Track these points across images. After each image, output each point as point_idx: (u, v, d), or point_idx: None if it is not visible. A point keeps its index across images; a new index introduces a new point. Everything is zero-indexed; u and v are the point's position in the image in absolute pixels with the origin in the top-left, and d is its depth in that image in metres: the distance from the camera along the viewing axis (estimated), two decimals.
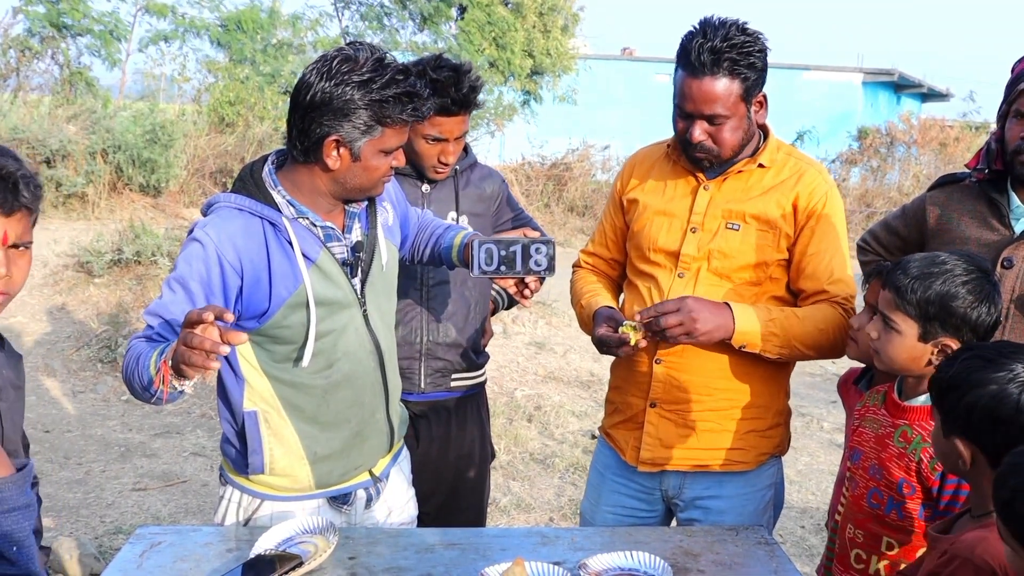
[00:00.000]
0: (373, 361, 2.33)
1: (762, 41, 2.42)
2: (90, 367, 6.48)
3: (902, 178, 19.31)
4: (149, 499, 4.88)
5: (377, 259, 2.31)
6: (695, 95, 2.39)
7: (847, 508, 2.24)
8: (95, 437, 5.64)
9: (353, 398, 2.31)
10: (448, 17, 16.52)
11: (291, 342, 2.20)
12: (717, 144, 2.44)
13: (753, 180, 2.52)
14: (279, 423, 2.26)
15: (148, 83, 15.67)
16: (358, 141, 2.10)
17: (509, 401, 6.55)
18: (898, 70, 23.93)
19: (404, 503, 2.56)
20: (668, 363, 2.54)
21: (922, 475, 2.07)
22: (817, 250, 2.49)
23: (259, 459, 2.26)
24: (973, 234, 2.50)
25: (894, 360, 2.10)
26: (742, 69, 2.36)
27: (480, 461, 3.12)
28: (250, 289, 2.13)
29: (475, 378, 3.07)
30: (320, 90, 2.06)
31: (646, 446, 2.60)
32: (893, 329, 2.07)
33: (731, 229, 2.50)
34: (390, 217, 2.42)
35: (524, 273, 2.28)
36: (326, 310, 2.20)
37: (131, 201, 11.72)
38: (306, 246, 2.17)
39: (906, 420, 2.13)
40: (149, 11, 15.27)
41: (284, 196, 2.18)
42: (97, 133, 11.88)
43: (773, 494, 2.68)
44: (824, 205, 2.50)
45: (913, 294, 2.02)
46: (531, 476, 5.39)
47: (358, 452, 2.36)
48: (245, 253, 2.12)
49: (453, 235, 2.51)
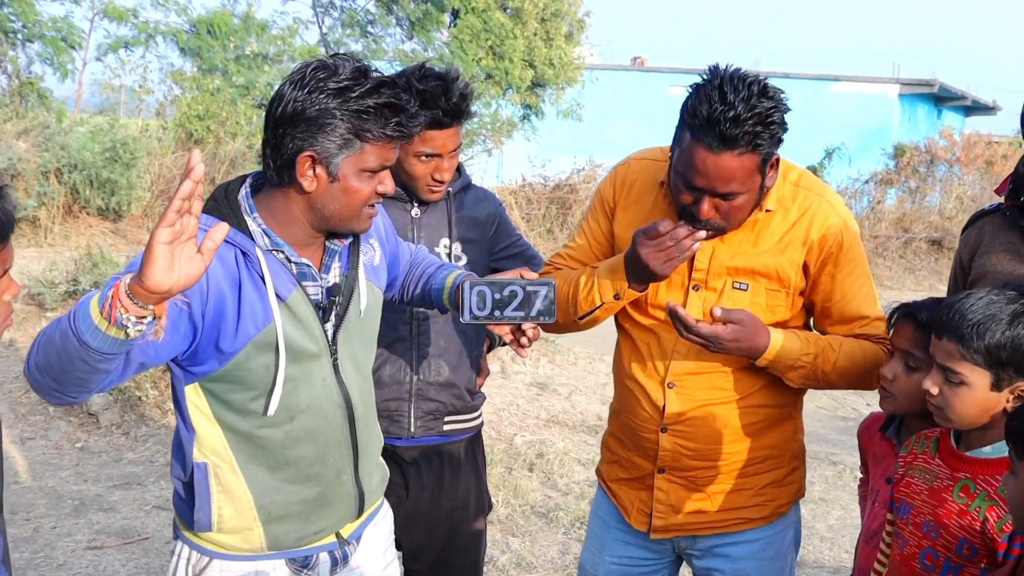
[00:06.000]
0: (341, 416, 2.28)
1: (784, 105, 2.31)
2: (40, 411, 6.47)
3: (943, 200, 19.31)
4: (106, 558, 4.85)
5: (355, 304, 2.27)
6: (710, 172, 2.28)
7: (892, 568, 2.21)
8: (45, 489, 5.61)
9: (316, 456, 2.26)
10: (440, 23, 16.61)
11: (252, 388, 2.16)
12: (726, 220, 2.37)
13: (759, 228, 2.47)
14: (231, 478, 2.22)
15: (107, 95, 15.69)
16: (335, 158, 2.06)
17: (508, 448, 6.54)
18: (939, 80, 24.00)
19: (381, 568, 2.50)
20: (675, 431, 2.54)
21: (987, 536, 2.03)
22: (843, 296, 2.49)
23: (206, 516, 2.22)
24: (1006, 268, 2.49)
25: (963, 416, 2.07)
26: (764, 143, 2.26)
27: (476, 513, 3.12)
28: (215, 317, 2.08)
29: (470, 421, 3.07)
30: (293, 100, 2.03)
31: (658, 514, 2.61)
32: (961, 383, 2.05)
33: (738, 289, 2.47)
34: (376, 256, 2.38)
35: (521, 319, 2.24)
36: (292, 355, 2.15)
37: (88, 226, 11.73)
38: (279, 282, 2.13)
39: (968, 473, 2.09)
40: (107, 16, 15.29)
41: (260, 225, 2.15)
42: (51, 150, 11.89)
43: (794, 532, 2.72)
44: (842, 244, 2.47)
45: (980, 340, 2.00)
46: (532, 531, 5.37)
47: (318, 516, 2.31)
48: (214, 278, 2.07)
49: (445, 275, 2.47)
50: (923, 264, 17.22)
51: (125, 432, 6.40)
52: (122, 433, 6.39)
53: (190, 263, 1.74)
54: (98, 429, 6.40)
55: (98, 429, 6.40)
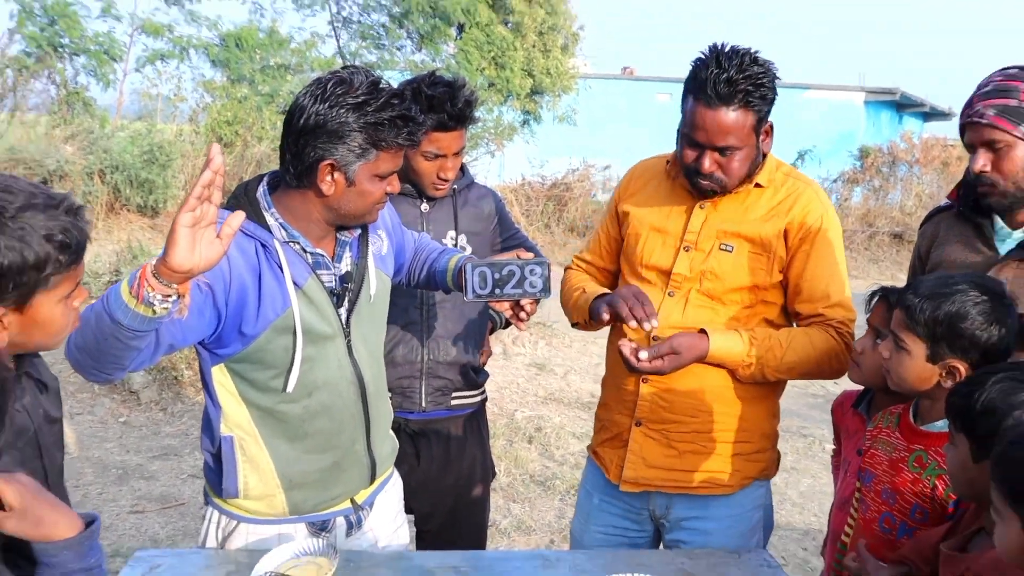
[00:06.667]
0: (354, 392, 2.29)
1: (773, 71, 2.40)
2: (87, 389, 6.47)
3: (904, 197, 19.31)
4: (147, 521, 4.87)
5: (366, 289, 2.28)
6: (708, 126, 2.37)
7: (857, 530, 2.21)
8: (92, 459, 5.62)
9: (332, 428, 2.28)
10: (447, 36, 16.57)
11: (272, 367, 2.17)
12: (726, 174, 2.43)
13: (750, 200, 2.52)
14: (255, 450, 2.24)
15: (145, 103, 15.69)
16: (352, 165, 2.07)
17: (509, 423, 6.54)
18: (900, 89, 23.93)
19: (392, 532, 2.52)
20: (655, 381, 2.53)
21: (936, 501, 2.04)
22: (813, 273, 2.49)
23: (233, 484, 2.25)
24: (960, 257, 2.51)
25: (903, 380, 2.09)
26: (756, 100, 2.36)
27: (480, 481, 3.12)
28: (237, 304, 2.09)
29: (475, 397, 3.08)
30: (314, 113, 2.04)
31: (629, 464, 2.60)
32: (903, 349, 2.07)
33: (724, 250, 2.49)
34: (384, 246, 2.39)
35: (519, 296, 2.26)
36: (309, 337, 2.17)
37: (128, 222, 11.74)
38: (295, 271, 2.14)
39: (922, 445, 2.10)
40: (145, 31, 15.31)
41: (277, 219, 2.16)
42: (94, 153, 11.91)
43: (762, 516, 2.66)
44: (820, 227, 2.49)
45: (922, 314, 2.02)
46: (532, 498, 5.38)
47: (335, 483, 2.33)
48: (236, 268, 2.08)
49: (447, 259, 2.49)
50: (886, 256, 17.20)
51: (163, 408, 6.41)
52: (160, 409, 6.40)
53: (210, 247, 1.76)
54: (139, 405, 6.40)
55: (139, 405, 6.40)
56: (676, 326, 2.49)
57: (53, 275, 1.60)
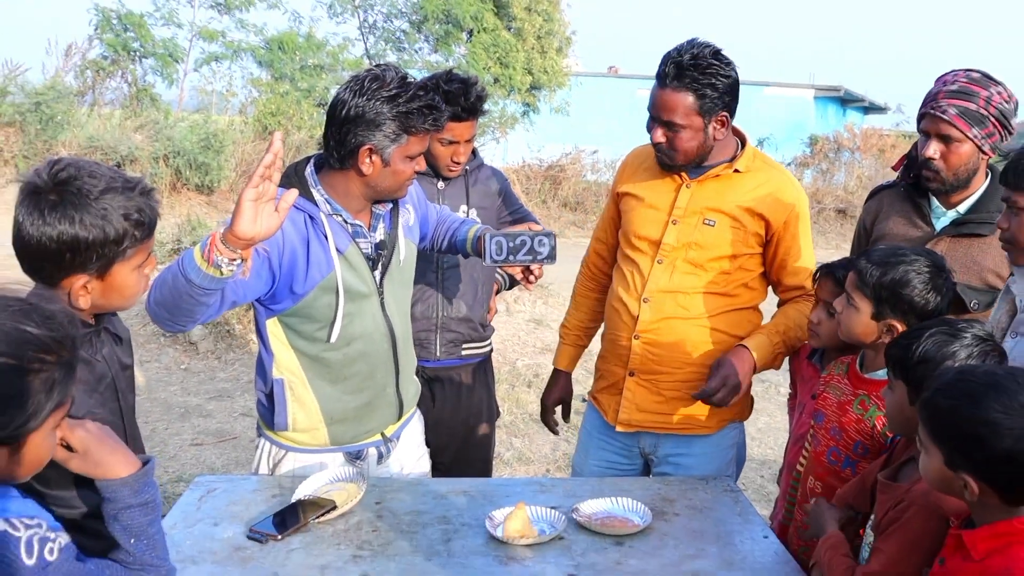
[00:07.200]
0: (387, 343, 2.30)
1: (729, 68, 2.36)
2: (154, 340, 6.48)
3: (847, 179, 19.37)
4: (205, 453, 4.89)
5: (396, 255, 2.29)
6: (657, 101, 2.39)
7: (809, 462, 2.21)
8: (159, 400, 5.64)
9: (367, 372, 2.28)
10: (458, 40, 16.43)
11: (318, 320, 2.18)
12: (674, 148, 2.41)
13: (732, 183, 2.48)
14: (302, 391, 2.25)
15: (202, 98, 15.69)
16: (388, 148, 2.08)
17: (511, 370, 6.53)
18: (843, 87, 23.80)
19: (415, 460, 2.54)
20: (645, 339, 2.52)
21: (875, 438, 2.05)
22: (798, 251, 2.50)
23: (283, 419, 2.26)
24: (900, 232, 2.49)
25: (851, 332, 2.09)
26: (701, 87, 2.32)
27: (487, 419, 3.11)
28: (289, 267, 2.11)
29: (483, 347, 3.06)
30: (354, 105, 2.05)
31: (624, 409, 2.59)
32: (852, 306, 2.06)
33: (707, 224, 2.46)
34: (411, 218, 2.39)
35: (530, 261, 2.27)
36: (349, 296, 2.18)
37: (188, 199, 11.74)
38: (338, 239, 2.16)
39: (865, 390, 2.10)
40: (202, 36, 15.29)
41: (323, 195, 2.17)
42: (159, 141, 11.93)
43: (735, 453, 2.66)
44: (799, 212, 2.49)
45: (871, 277, 2.01)
46: (530, 434, 5.39)
47: (368, 418, 2.34)
48: (288, 236, 2.10)
49: (467, 229, 2.48)
50: (832, 229, 17.12)
51: (218, 356, 6.41)
52: (216, 357, 6.40)
53: (269, 218, 1.78)
54: (197, 354, 6.40)
55: (197, 354, 6.40)
56: (664, 289, 2.49)
57: (129, 248, 1.61)
